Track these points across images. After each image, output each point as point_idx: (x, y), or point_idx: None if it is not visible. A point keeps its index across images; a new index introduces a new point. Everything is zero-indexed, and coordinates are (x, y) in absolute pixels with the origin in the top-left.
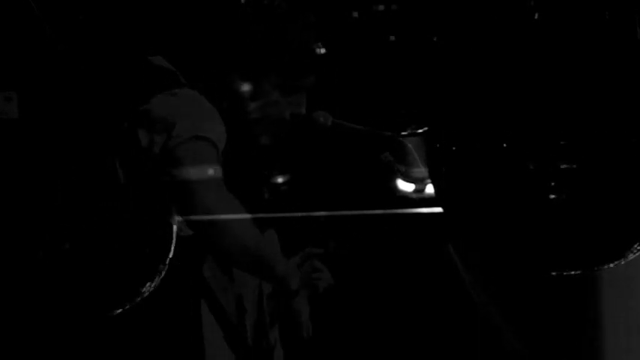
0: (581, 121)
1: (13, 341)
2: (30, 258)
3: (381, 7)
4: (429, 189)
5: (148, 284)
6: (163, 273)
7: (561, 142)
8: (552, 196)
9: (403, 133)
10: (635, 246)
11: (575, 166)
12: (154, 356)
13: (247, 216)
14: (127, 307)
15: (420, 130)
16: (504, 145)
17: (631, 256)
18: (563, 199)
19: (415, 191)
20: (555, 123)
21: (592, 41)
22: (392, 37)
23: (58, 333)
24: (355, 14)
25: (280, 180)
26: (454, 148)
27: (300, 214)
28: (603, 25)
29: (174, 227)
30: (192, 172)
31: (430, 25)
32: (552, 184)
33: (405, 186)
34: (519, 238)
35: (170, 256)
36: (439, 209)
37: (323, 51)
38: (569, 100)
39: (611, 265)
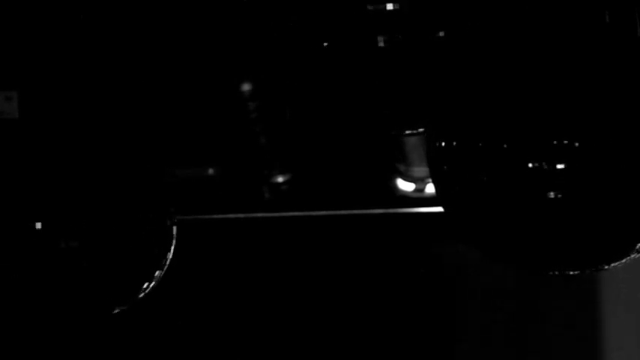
0: (581, 120)
1: (13, 340)
2: (29, 257)
3: (379, 7)
4: (429, 189)
5: (147, 284)
6: (162, 273)
7: (561, 142)
8: (552, 196)
9: (405, 133)
10: (636, 246)
11: (575, 165)
12: (153, 356)
13: (247, 216)
14: (126, 307)
15: (420, 130)
16: (504, 144)
17: (631, 257)
18: (564, 199)
19: (415, 191)
20: (556, 123)
21: (592, 41)
22: (396, 37)
23: (57, 332)
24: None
25: (280, 180)
26: (454, 148)
27: (300, 214)
28: (603, 25)
29: (174, 228)
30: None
31: (430, 24)
32: (552, 183)
33: (405, 186)
34: (519, 237)
35: (170, 256)
36: (439, 209)
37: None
38: (570, 100)
39: (612, 265)
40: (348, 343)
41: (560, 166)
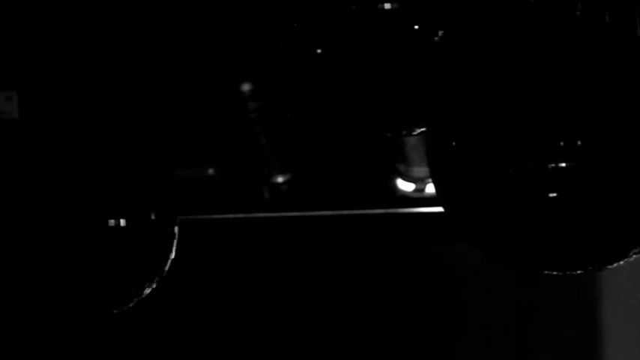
0: (581, 120)
1: (13, 340)
2: (30, 257)
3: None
4: (429, 189)
5: (148, 284)
6: (164, 274)
7: (561, 142)
8: (552, 196)
9: (404, 133)
10: (637, 246)
11: (575, 165)
12: (153, 356)
13: (247, 216)
14: (127, 307)
15: (420, 130)
16: (505, 144)
17: (632, 257)
18: (563, 199)
19: (415, 191)
20: (555, 123)
21: (592, 41)
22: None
23: (57, 332)
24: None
25: (280, 180)
26: (454, 148)
27: (300, 214)
28: (603, 25)
29: (175, 228)
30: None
31: (429, 24)
32: (552, 183)
33: (405, 186)
34: (519, 237)
35: (171, 256)
36: (439, 209)
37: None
38: (570, 100)
39: (612, 265)
40: (348, 343)
41: (560, 166)
